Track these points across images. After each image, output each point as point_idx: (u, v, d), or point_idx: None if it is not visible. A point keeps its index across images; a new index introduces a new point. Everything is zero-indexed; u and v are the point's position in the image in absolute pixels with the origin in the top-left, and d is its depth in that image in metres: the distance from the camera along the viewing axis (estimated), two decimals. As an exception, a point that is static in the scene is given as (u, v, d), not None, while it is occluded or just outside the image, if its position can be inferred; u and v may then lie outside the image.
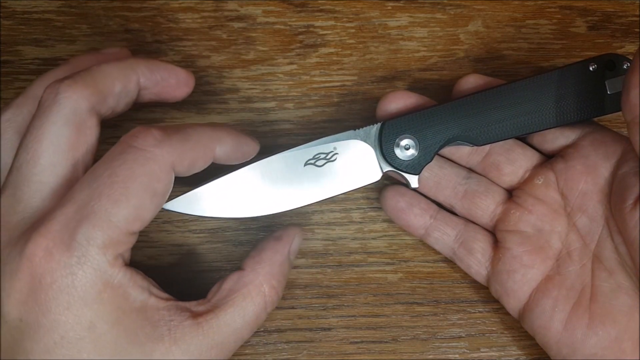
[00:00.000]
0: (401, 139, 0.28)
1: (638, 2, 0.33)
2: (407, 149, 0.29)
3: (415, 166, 0.29)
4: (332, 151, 0.28)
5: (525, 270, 0.29)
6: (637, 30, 0.33)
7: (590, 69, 0.28)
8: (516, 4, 0.33)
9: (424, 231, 0.30)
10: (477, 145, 0.29)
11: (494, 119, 0.28)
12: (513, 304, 0.29)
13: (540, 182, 0.29)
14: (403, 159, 0.29)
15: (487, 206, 0.30)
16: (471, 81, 0.29)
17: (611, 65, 0.28)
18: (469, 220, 0.31)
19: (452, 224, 0.30)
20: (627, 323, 0.27)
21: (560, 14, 0.33)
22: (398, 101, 0.29)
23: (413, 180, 0.29)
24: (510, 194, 0.30)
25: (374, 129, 0.29)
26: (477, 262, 0.30)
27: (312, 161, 0.28)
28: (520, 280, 0.29)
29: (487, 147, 0.30)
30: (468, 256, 0.30)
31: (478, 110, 0.28)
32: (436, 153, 0.29)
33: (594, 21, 0.33)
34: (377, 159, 0.29)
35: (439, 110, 0.29)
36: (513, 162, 0.30)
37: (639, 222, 0.26)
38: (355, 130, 0.29)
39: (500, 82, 0.29)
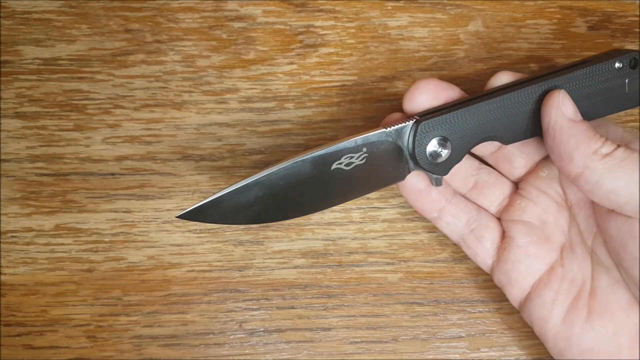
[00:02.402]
0: (435, 141, 0.27)
1: (638, 2, 0.33)
2: (440, 151, 0.27)
3: (444, 167, 0.28)
4: (361, 153, 0.27)
5: (531, 261, 0.29)
6: (637, 30, 0.33)
7: (616, 66, 0.28)
8: (516, 4, 0.33)
9: (437, 214, 0.30)
10: (504, 144, 0.29)
11: (526, 117, 0.28)
12: (515, 294, 0.29)
13: (544, 175, 0.29)
14: (434, 161, 0.28)
15: (495, 197, 0.30)
16: (503, 79, 0.29)
17: (634, 63, 0.28)
18: (482, 207, 0.30)
19: (466, 210, 0.30)
20: (624, 318, 0.27)
21: (560, 14, 0.33)
22: (430, 92, 0.28)
23: (439, 180, 0.28)
24: (517, 185, 0.30)
25: (408, 128, 0.27)
26: (485, 251, 0.30)
27: (341, 163, 0.27)
28: (525, 271, 0.29)
29: None
30: (476, 244, 0.30)
31: (512, 109, 0.28)
32: (466, 153, 0.28)
33: (594, 21, 0.33)
34: (406, 159, 0.28)
35: (474, 110, 0.27)
36: (526, 155, 0.30)
37: (615, 222, 0.27)
38: (387, 129, 0.27)
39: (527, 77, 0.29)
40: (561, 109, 0.26)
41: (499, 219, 0.30)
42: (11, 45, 0.33)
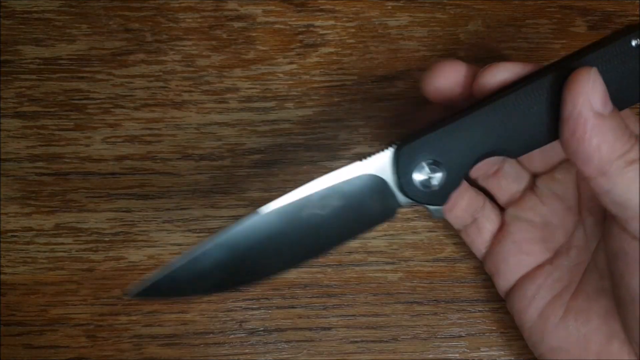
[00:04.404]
0: (422, 166, 0.23)
1: (638, 1, 0.33)
2: (430, 177, 0.23)
3: (441, 196, 0.24)
4: (336, 193, 0.23)
5: (521, 257, 0.29)
6: (637, 30, 0.33)
7: (633, 44, 0.22)
8: (516, 3, 0.33)
9: (449, 207, 0.28)
10: (512, 157, 0.25)
11: (533, 123, 0.23)
12: (502, 285, 0.29)
13: (560, 177, 0.28)
14: (425, 190, 0.23)
15: (509, 191, 0.29)
16: (500, 75, 0.24)
17: None
18: (490, 197, 0.29)
19: (474, 203, 0.29)
20: (599, 326, 0.27)
21: (560, 14, 0.33)
22: (450, 75, 0.24)
23: (438, 212, 0.24)
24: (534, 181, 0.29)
25: (387, 156, 0.23)
26: (482, 241, 0.29)
27: (314, 209, 0.23)
28: (514, 265, 0.29)
29: None
30: (476, 233, 0.29)
31: (514, 115, 0.23)
32: (465, 176, 0.24)
33: (594, 21, 0.33)
34: (393, 191, 0.24)
35: (465, 123, 0.23)
36: (547, 152, 0.27)
37: (616, 233, 0.26)
38: (361, 160, 0.23)
39: (529, 70, 0.24)
40: (589, 97, 0.22)
41: (502, 208, 0.30)
42: (11, 45, 0.33)
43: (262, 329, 0.32)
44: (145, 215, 0.32)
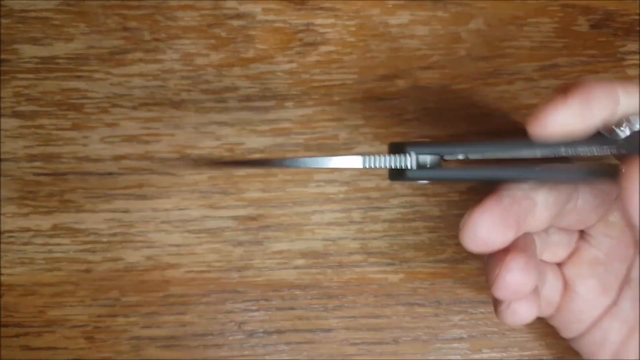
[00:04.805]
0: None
1: (639, 1, 0.33)
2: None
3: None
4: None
5: (589, 308, 0.27)
6: (638, 29, 0.33)
7: None
8: (518, 2, 0.33)
9: None
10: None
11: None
12: (567, 334, 0.28)
13: (614, 219, 0.26)
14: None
15: (564, 251, 0.28)
16: (557, 123, 0.21)
17: None
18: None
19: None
20: None
21: (562, 12, 0.33)
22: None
23: None
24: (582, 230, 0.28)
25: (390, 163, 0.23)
26: (549, 307, 0.28)
27: None
28: (582, 316, 0.27)
29: None
30: (544, 303, 0.27)
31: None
32: None
33: (595, 19, 0.33)
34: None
35: (489, 175, 0.23)
36: (596, 207, 0.26)
37: None
38: (366, 166, 0.23)
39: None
40: None
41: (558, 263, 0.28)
42: (9, 44, 0.32)
43: (261, 330, 0.31)
44: (143, 216, 0.32)
